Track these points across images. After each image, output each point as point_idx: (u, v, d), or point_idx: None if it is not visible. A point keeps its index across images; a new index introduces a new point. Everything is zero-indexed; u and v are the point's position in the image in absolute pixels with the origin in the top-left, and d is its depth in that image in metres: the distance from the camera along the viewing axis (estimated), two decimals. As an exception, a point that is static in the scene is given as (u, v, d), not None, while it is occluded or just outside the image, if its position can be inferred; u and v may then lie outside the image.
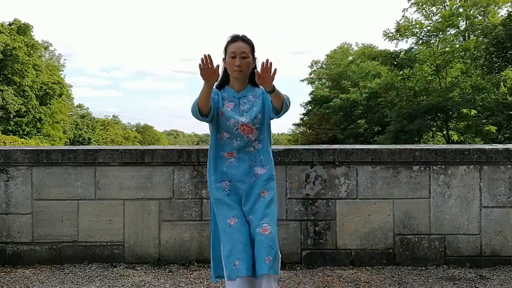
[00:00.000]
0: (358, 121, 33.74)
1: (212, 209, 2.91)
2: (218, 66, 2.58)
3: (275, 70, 2.54)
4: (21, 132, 38.24)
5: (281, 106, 2.71)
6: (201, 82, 2.60)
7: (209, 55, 2.55)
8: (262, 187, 2.81)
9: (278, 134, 72.89)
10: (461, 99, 22.36)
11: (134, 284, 3.62)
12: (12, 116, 37.75)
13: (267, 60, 2.52)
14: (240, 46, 2.78)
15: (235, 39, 2.82)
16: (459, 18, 25.36)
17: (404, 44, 67.18)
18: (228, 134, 2.82)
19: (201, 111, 2.69)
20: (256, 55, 2.87)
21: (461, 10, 25.47)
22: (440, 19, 25.22)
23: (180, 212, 4.08)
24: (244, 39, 2.83)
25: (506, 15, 23.03)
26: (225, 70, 2.87)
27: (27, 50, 39.04)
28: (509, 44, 20.81)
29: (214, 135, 2.88)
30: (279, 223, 3.50)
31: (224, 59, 2.85)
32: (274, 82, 2.61)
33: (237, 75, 2.81)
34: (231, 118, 2.80)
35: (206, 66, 2.54)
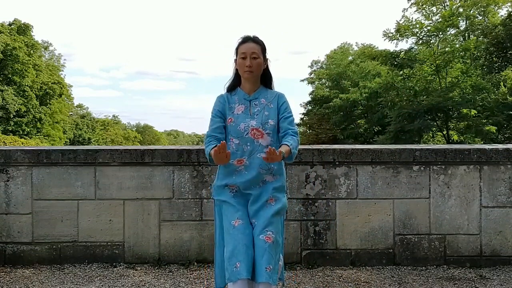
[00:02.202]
0: (358, 121, 33.77)
1: (216, 215, 2.87)
2: (229, 153, 2.55)
3: (280, 151, 2.55)
4: (21, 132, 38.22)
5: (291, 157, 2.71)
6: (201, 84, 2.61)
7: (224, 144, 2.52)
8: (271, 194, 2.75)
9: (278, 134, 72.78)
10: (461, 99, 22.35)
11: (134, 284, 3.62)
12: (12, 116, 37.74)
13: (270, 148, 2.50)
14: (251, 47, 2.77)
15: (245, 40, 2.81)
16: (459, 18, 25.38)
17: (404, 44, 67.34)
18: (238, 140, 2.76)
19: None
20: (267, 56, 2.85)
21: (461, 10, 25.49)
22: (440, 19, 25.24)
23: (180, 212, 4.08)
24: (255, 40, 2.81)
25: (506, 15, 23.03)
26: (236, 71, 2.85)
27: (27, 50, 39.03)
28: (509, 44, 20.81)
29: None
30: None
31: (235, 60, 2.83)
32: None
33: (247, 75, 2.78)
34: (241, 123, 2.76)
35: (220, 153, 2.53)
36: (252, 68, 2.76)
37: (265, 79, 2.88)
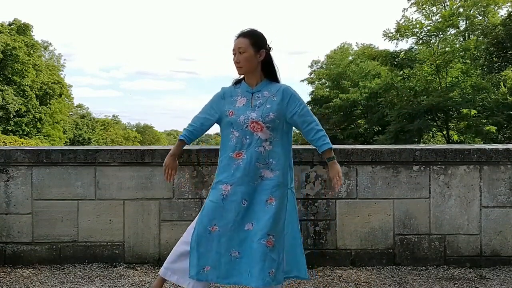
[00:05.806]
0: (358, 121, 33.77)
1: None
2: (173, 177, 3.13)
3: (337, 171, 2.86)
4: (21, 132, 38.17)
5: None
6: (200, 83, 2.66)
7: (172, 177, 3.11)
8: (270, 193, 2.72)
9: (278, 134, 72.70)
10: (461, 99, 22.35)
11: (134, 284, 3.62)
12: (12, 116, 37.70)
13: (336, 185, 2.85)
14: (238, 42, 2.78)
15: (237, 36, 2.82)
16: (459, 18, 25.36)
17: (404, 44, 67.35)
18: (238, 133, 2.75)
19: None
20: (270, 44, 2.87)
21: (461, 10, 25.48)
22: (440, 19, 25.21)
23: (180, 212, 4.08)
24: (244, 34, 2.81)
25: (506, 15, 23.02)
26: None
27: (27, 50, 38.99)
28: (509, 44, 20.81)
29: (225, 136, 2.84)
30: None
31: None
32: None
33: (238, 71, 2.81)
34: (241, 115, 2.74)
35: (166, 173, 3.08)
36: (240, 64, 2.77)
37: (267, 70, 2.85)
